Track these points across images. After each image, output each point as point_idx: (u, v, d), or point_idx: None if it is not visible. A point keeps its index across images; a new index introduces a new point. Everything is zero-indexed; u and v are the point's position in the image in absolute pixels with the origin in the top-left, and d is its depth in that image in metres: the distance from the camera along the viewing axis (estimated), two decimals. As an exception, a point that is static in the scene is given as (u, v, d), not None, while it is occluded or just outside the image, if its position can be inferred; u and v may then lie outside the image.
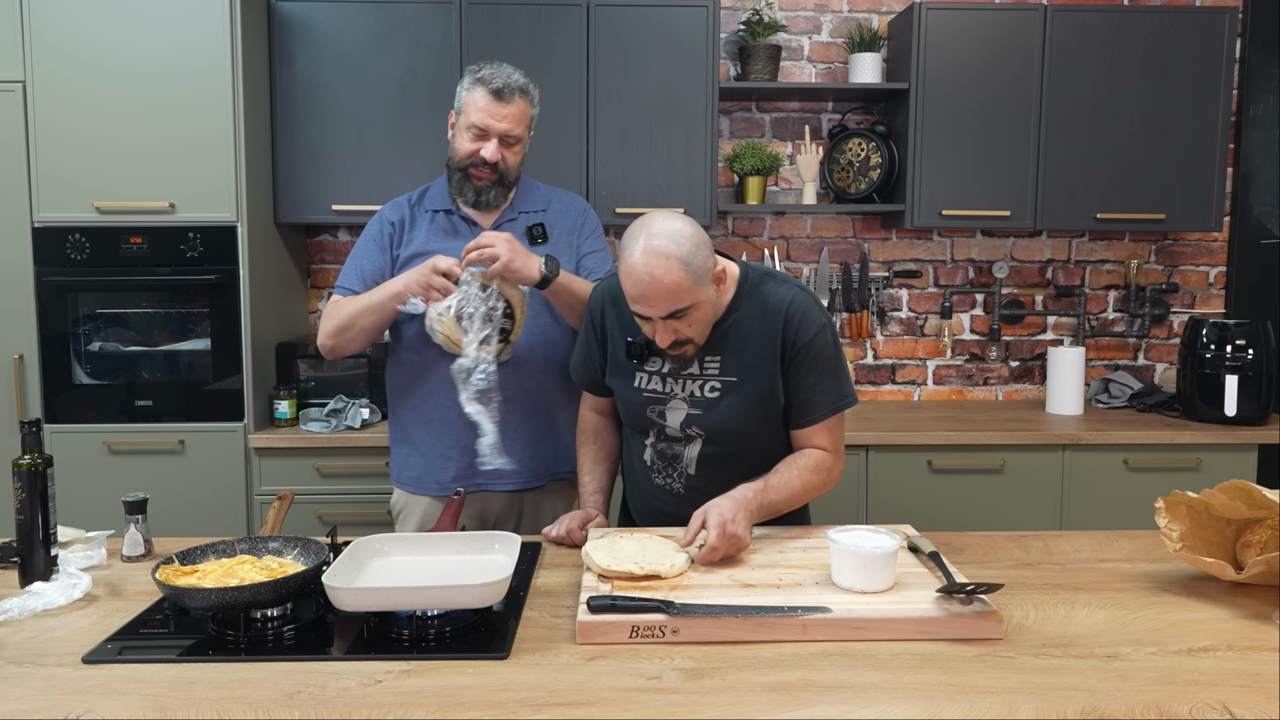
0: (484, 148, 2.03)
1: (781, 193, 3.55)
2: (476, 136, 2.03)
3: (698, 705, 1.16)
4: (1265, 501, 1.50)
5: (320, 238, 3.53)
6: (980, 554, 1.75)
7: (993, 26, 3.17)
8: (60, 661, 1.29)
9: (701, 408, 1.79)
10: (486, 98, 2.01)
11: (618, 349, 1.86)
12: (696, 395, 1.79)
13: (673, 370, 1.81)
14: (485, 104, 2.01)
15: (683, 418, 1.81)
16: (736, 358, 1.78)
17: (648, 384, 1.83)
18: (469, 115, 2.03)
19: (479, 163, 2.04)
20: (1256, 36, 3.47)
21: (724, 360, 1.78)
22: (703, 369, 1.79)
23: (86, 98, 2.84)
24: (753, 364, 1.77)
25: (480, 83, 2.02)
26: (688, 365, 1.79)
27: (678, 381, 1.81)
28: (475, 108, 2.02)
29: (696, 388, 1.80)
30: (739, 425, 1.78)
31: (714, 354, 1.78)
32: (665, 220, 1.66)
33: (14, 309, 2.90)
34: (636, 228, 1.66)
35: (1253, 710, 1.14)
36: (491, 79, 2.02)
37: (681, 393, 1.80)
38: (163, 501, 2.71)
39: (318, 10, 3.07)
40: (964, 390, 3.65)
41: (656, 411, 1.83)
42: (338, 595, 1.32)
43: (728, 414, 1.78)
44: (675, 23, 3.11)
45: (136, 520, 1.73)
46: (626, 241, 1.67)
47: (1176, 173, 3.23)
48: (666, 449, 1.85)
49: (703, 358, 1.79)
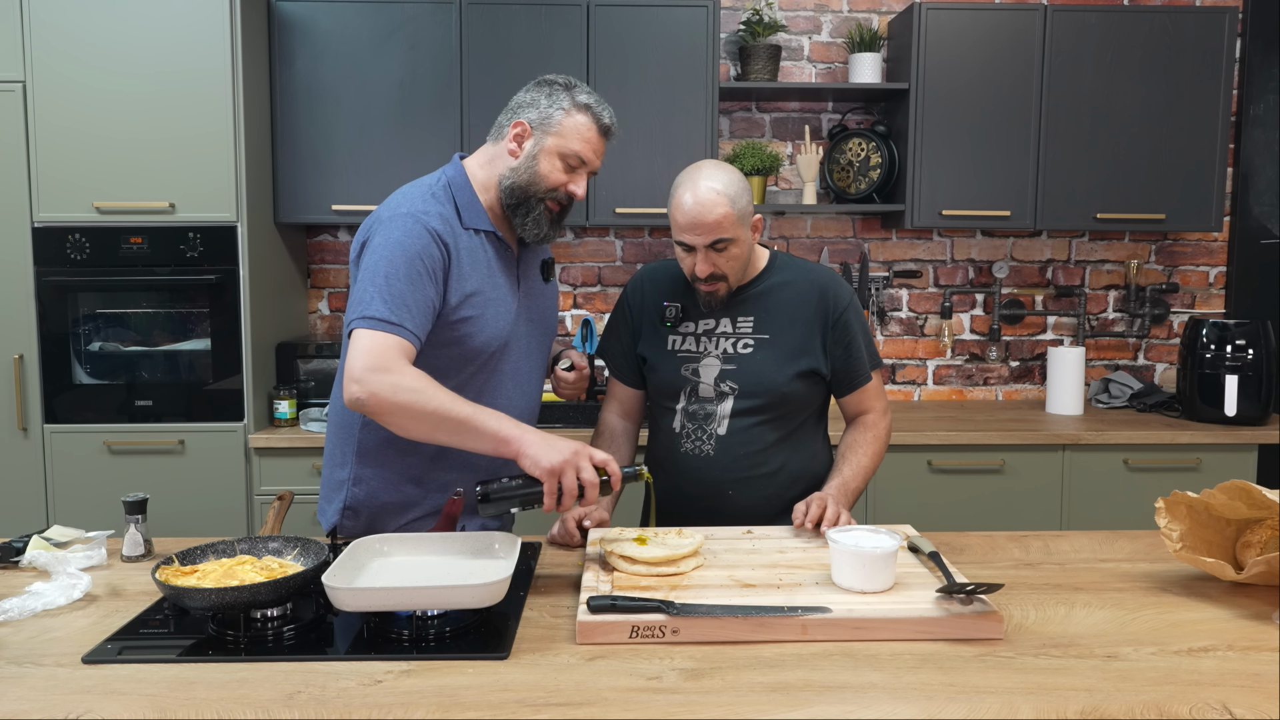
0: (575, 183, 1.78)
1: (781, 193, 3.55)
2: (571, 168, 1.77)
3: (698, 705, 1.16)
4: (1265, 501, 1.50)
5: (320, 238, 3.53)
6: (980, 554, 1.75)
7: (993, 26, 3.17)
8: (60, 661, 1.29)
9: (735, 363, 1.91)
10: (594, 130, 1.78)
11: (654, 319, 1.98)
12: (730, 352, 1.92)
13: (695, 330, 1.94)
14: (593, 137, 1.77)
15: (716, 373, 1.92)
16: (770, 318, 1.92)
17: (681, 345, 1.95)
18: (570, 143, 1.76)
19: (562, 195, 1.79)
20: (1256, 36, 3.47)
21: (757, 320, 1.92)
22: (735, 328, 1.92)
23: (86, 98, 2.84)
24: (786, 324, 1.91)
25: (588, 111, 1.77)
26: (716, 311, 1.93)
27: (711, 340, 1.93)
28: (580, 137, 1.76)
29: (729, 345, 1.92)
30: (771, 379, 1.89)
31: (746, 315, 1.93)
32: (717, 165, 1.84)
33: (14, 309, 2.90)
34: (692, 169, 1.84)
35: (1253, 710, 1.14)
36: (601, 111, 1.78)
37: (715, 350, 1.92)
38: (163, 501, 2.72)
39: (318, 10, 3.07)
40: (964, 390, 3.65)
41: (690, 369, 1.93)
42: (338, 595, 1.32)
43: (761, 367, 1.89)
44: (675, 23, 3.11)
45: (136, 520, 1.72)
46: (680, 180, 1.83)
47: (1176, 173, 3.23)
48: (698, 409, 1.93)
49: (735, 318, 1.93)
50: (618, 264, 3.57)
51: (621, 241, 3.56)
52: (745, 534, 1.77)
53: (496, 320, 1.78)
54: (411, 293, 1.65)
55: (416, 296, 1.65)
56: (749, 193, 1.84)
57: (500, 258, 1.81)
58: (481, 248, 1.77)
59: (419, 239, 1.68)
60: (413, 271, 1.66)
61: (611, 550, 1.57)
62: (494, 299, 1.78)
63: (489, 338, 1.77)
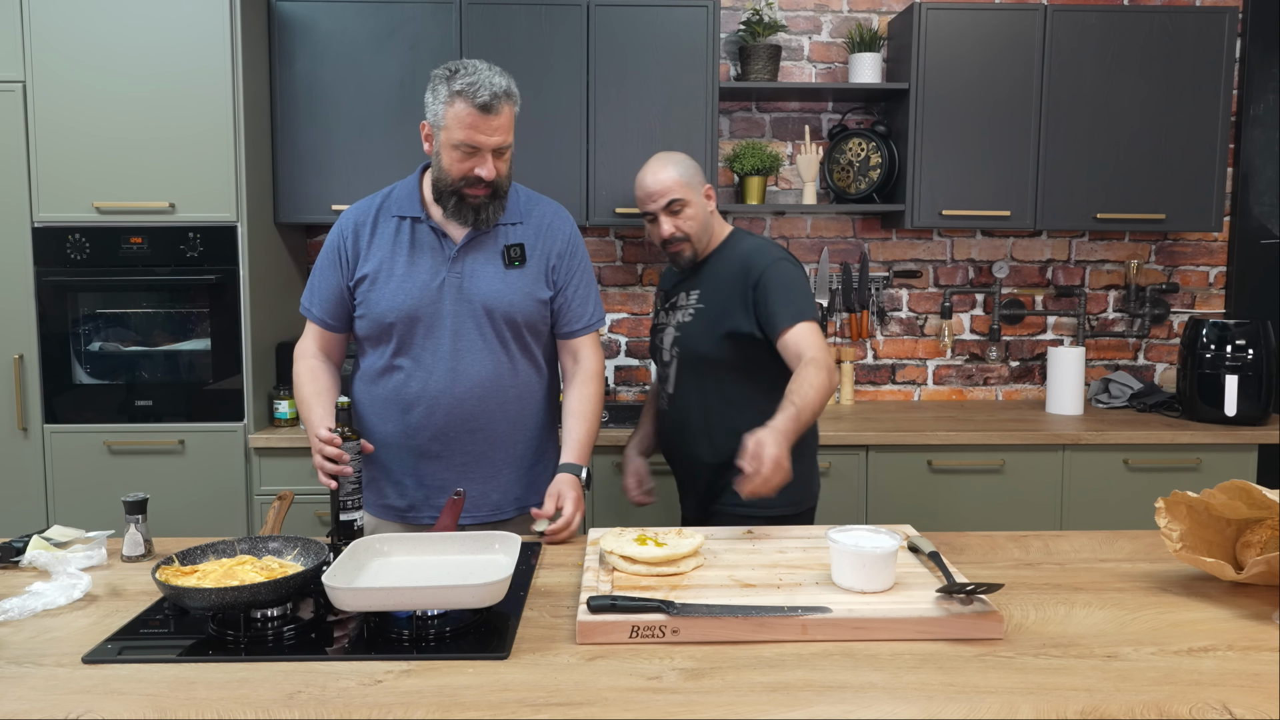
0: (479, 166, 1.85)
1: (781, 193, 3.55)
2: (467, 155, 1.85)
3: (698, 705, 1.16)
4: (1265, 501, 1.50)
5: (320, 238, 3.53)
6: (980, 554, 1.75)
7: (993, 26, 3.17)
8: (60, 661, 1.29)
9: (682, 330, 2.20)
10: (473, 113, 1.81)
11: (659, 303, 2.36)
12: (680, 321, 2.21)
13: (671, 304, 2.25)
14: (473, 120, 1.82)
15: (670, 340, 2.24)
16: (710, 289, 2.17)
17: (657, 320, 2.33)
18: (454, 133, 1.84)
19: (474, 181, 1.87)
20: (1256, 36, 3.47)
21: (701, 292, 2.19)
22: (689, 300, 2.21)
23: (86, 98, 2.84)
24: (722, 296, 2.14)
25: (462, 96, 1.81)
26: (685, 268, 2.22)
27: (673, 313, 2.24)
28: (461, 125, 1.83)
29: (681, 315, 2.22)
30: (700, 344, 2.16)
31: (696, 288, 2.20)
32: (667, 151, 2.25)
33: (14, 309, 2.90)
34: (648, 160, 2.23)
35: (1253, 710, 1.14)
36: (475, 91, 1.80)
37: (671, 322, 2.24)
38: (163, 501, 2.72)
39: (318, 10, 3.07)
40: (964, 390, 3.65)
41: (659, 338, 2.29)
42: (338, 595, 1.32)
43: (696, 333, 2.17)
44: (675, 23, 3.11)
45: (136, 520, 1.72)
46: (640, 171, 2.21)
47: (1176, 173, 3.23)
48: (662, 371, 2.28)
49: (689, 291, 2.21)
50: (618, 264, 3.57)
51: (621, 241, 3.56)
52: (745, 534, 1.77)
53: (398, 294, 1.94)
54: (320, 281, 2.02)
55: (322, 283, 2.02)
56: (696, 168, 2.20)
57: (422, 240, 1.96)
58: (398, 231, 1.97)
59: (334, 233, 2.02)
60: (324, 262, 2.02)
61: (611, 550, 1.57)
62: (398, 275, 1.95)
63: (386, 308, 1.94)
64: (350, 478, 1.77)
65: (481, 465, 2.00)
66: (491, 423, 1.98)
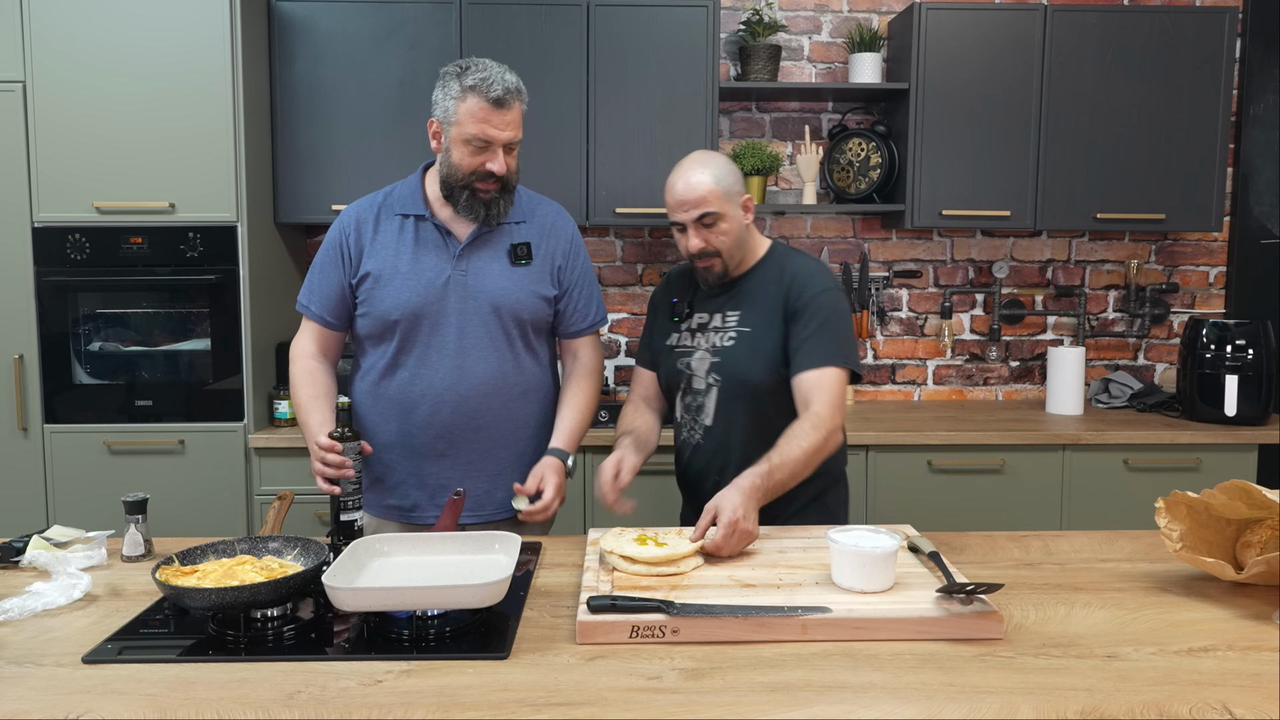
0: (490, 161, 1.87)
1: (781, 193, 3.55)
2: (479, 150, 1.87)
3: (698, 705, 1.16)
4: (1265, 501, 1.50)
5: (320, 238, 3.53)
6: (980, 554, 1.75)
7: (993, 26, 3.17)
8: (60, 661, 1.29)
9: (721, 355, 1.97)
10: (486, 108, 1.84)
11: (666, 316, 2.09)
12: (717, 345, 1.98)
13: (699, 325, 2.02)
14: (486, 114, 1.85)
15: (706, 366, 1.99)
16: (753, 311, 1.96)
17: (679, 340, 2.05)
18: (466, 128, 1.86)
19: (485, 176, 1.89)
20: (1256, 36, 3.47)
21: (742, 313, 1.97)
22: (724, 322, 1.98)
23: (86, 98, 2.84)
24: (765, 317, 1.94)
25: (474, 91, 1.84)
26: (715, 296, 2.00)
27: (704, 335, 2.01)
28: (473, 119, 1.85)
29: (718, 339, 1.98)
30: (749, 371, 1.93)
31: (735, 309, 1.98)
32: (707, 152, 1.97)
33: (14, 309, 2.90)
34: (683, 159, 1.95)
35: (1253, 710, 1.14)
36: (488, 86, 1.84)
37: (705, 344, 2.00)
38: (163, 501, 2.72)
39: (318, 10, 3.07)
40: (964, 390, 3.65)
41: (684, 363, 2.02)
42: (338, 595, 1.32)
43: (740, 360, 1.94)
44: (675, 23, 3.11)
45: (136, 520, 1.73)
46: (673, 169, 1.94)
47: (1176, 173, 3.23)
48: (692, 401, 2.02)
49: (725, 311, 1.99)
50: (618, 264, 3.57)
51: (622, 241, 3.56)
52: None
53: (402, 292, 1.94)
54: (320, 278, 2.01)
55: (322, 280, 2.00)
56: (736, 174, 1.93)
57: (426, 238, 1.96)
58: (402, 229, 1.97)
59: (335, 229, 2.01)
60: (323, 260, 2.00)
61: (611, 550, 1.57)
62: (403, 272, 1.94)
63: (391, 306, 1.94)
64: (350, 479, 1.77)
65: (486, 464, 2.00)
66: (496, 421, 1.99)
